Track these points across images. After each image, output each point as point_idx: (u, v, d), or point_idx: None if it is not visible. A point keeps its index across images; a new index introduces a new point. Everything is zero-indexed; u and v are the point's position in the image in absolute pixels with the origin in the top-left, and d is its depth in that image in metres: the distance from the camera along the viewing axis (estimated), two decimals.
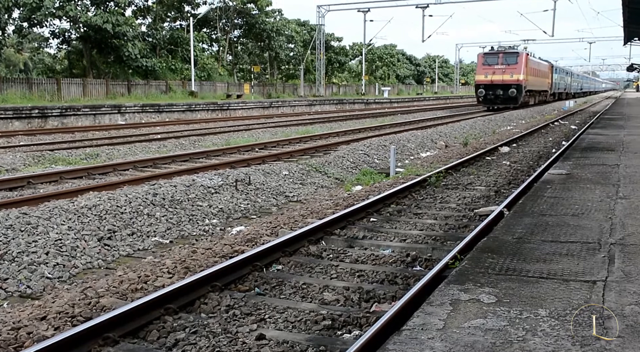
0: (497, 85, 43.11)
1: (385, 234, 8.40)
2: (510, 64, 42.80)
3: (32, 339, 4.83)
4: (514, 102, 43.17)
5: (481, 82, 43.91)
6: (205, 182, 10.91)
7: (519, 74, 42.74)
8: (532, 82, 46.72)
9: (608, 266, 5.02)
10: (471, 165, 15.22)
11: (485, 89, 43.57)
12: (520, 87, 42.84)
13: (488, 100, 44.03)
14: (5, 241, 7.17)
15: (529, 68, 44.76)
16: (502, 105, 43.51)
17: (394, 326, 4.45)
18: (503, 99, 43.36)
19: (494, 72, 43.11)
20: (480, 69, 44.61)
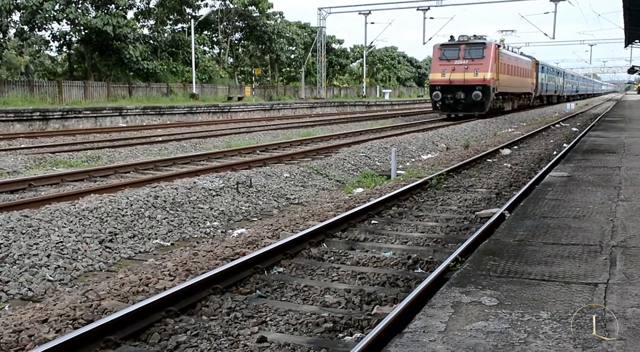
0: (457, 86, 33.00)
1: (387, 236, 8.40)
2: (474, 58, 32.90)
3: (34, 342, 4.83)
4: (479, 108, 33.18)
5: (437, 82, 33.98)
6: (207, 185, 10.91)
7: (485, 71, 32.65)
8: (507, 83, 37.32)
9: (610, 268, 5.01)
10: (472, 168, 15.21)
11: (443, 91, 33.57)
12: (488, 88, 32.72)
13: (446, 106, 33.99)
14: (6, 244, 7.17)
15: (501, 64, 35.32)
16: (465, 112, 33.70)
17: (396, 328, 4.45)
18: (465, 105, 33.39)
19: (454, 69, 33.09)
20: (436, 65, 34.48)
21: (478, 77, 32.72)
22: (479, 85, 32.70)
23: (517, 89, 41.57)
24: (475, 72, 32.70)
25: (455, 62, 33.26)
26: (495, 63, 33.45)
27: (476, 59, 32.89)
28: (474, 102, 32.86)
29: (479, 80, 32.69)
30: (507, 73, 37.12)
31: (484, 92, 32.71)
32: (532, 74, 47.35)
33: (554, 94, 62.38)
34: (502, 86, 35.66)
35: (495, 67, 33.65)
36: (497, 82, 34.17)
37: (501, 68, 35.18)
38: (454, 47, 33.82)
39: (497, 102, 36.20)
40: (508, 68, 37.47)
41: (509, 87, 38.22)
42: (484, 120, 32.04)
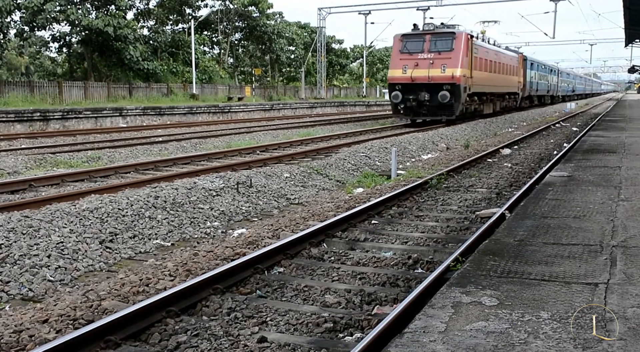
0: (420, 85, 27.63)
1: (387, 236, 8.40)
2: (441, 51, 27.47)
3: (34, 342, 4.83)
4: (447, 111, 27.76)
5: (397, 81, 28.24)
6: (207, 185, 10.91)
7: (454, 67, 27.17)
8: (484, 81, 31.70)
9: (610, 268, 5.01)
10: (472, 168, 15.22)
11: (403, 91, 27.92)
12: (457, 88, 27.27)
13: (408, 109, 28.38)
14: (7, 244, 7.18)
15: (476, 59, 29.82)
16: (431, 116, 28.28)
17: (396, 328, 4.45)
18: (430, 108, 27.90)
19: (417, 64, 27.61)
20: (396, 59, 28.65)
21: (445, 74, 27.18)
22: (447, 83, 27.17)
23: (499, 89, 36.11)
24: (443, 68, 27.25)
25: (418, 56, 27.78)
26: (467, 57, 28.16)
27: (444, 52, 27.43)
28: (441, 105, 27.44)
29: (446, 77, 27.17)
30: (484, 69, 31.77)
31: (452, 92, 27.19)
32: (519, 71, 42.33)
33: (546, 94, 57.35)
34: (477, 85, 30.22)
35: (468, 62, 28.37)
36: (470, 81, 28.81)
37: (476, 63, 29.85)
38: (417, 38, 28.24)
39: (472, 104, 30.73)
40: (486, 64, 32.15)
41: (487, 86, 32.79)
42: (484, 120, 31.90)
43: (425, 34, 28.21)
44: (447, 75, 27.20)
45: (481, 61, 31.03)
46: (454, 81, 27.18)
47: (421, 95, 27.71)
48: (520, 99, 43.88)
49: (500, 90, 36.82)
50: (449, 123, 28.02)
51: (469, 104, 30.00)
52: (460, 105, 27.84)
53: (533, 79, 48.40)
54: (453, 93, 27.26)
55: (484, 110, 33.56)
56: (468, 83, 28.53)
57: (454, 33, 28.06)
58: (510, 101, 40.90)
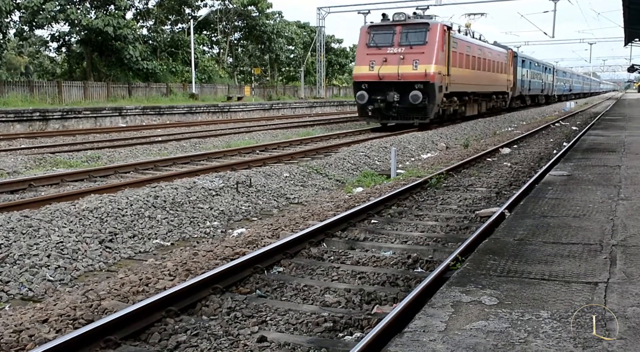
0: (389, 84, 24.42)
1: (387, 235, 8.40)
2: (413, 45, 24.22)
3: (34, 342, 4.83)
4: (420, 114, 24.51)
5: (363, 79, 25.03)
6: (206, 185, 10.91)
7: (427, 63, 23.92)
8: (465, 79, 28.35)
9: (610, 267, 5.01)
10: (472, 167, 15.21)
11: (370, 90, 24.81)
12: (431, 87, 23.95)
13: (376, 112, 25.08)
14: (7, 244, 7.17)
15: (455, 54, 26.50)
16: (401, 120, 25.02)
17: (396, 327, 4.45)
18: (401, 110, 24.68)
19: (386, 59, 24.38)
20: (362, 54, 25.39)
21: (417, 71, 23.89)
22: (419, 82, 23.85)
23: (484, 88, 32.61)
24: (414, 65, 23.96)
25: (387, 50, 24.47)
26: (443, 52, 24.86)
27: (416, 46, 24.16)
28: (413, 107, 24.17)
29: (418, 75, 23.88)
30: (465, 66, 28.41)
31: (425, 92, 23.93)
32: (508, 68, 38.70)
33: (540, 94, 53.71)
34: (456, 84, 26.83)
35: (444, 58, 25.08)
36: (447, 79, 25.48)
37: (455, 59, 26.57)
38: (386, 29, 24.92)
39: (451, 105, 27.19)
40: (467, 60, 28.74)
41: (469, 85, 29.32)
42: (484, 119, 31.84)
43: (395, 26, 24.72)
44: (419, 72, 23.88)
45: (461, 57, 27.65)
46: (427, 79, 23.79)
47: (390, 95, 24.39)
48: (510, 99, 40.59)
49: (486, 90, 33.37)
50: (422, 128, 24.54)
51: (447, 105, 26.65)
52: (435, 106, 24.48)
53: (525, 78, 45.06)
54: (426, 93, 23.93)
55: (467, 112, 30.18)
56: (444, 81, 25.15)
57: (428, 24, 24.56)
58: (499, 101, 37.47)
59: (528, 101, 49.24)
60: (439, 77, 24.42)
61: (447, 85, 25.55)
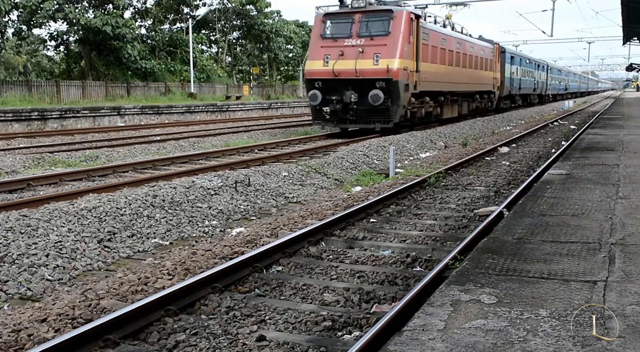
0: (345, 81, 20.97)
1: (385, 234, 8.39)
2: (374, 36, 20.86)
3: (33, 341, 4.82)
4: (382, 117, 21.08)
5: (316, 75, 21.56)
6: (205, 184, 10.90)
7: (391, 56, 20.53)
8: (439, 76, 24.80)
9: (609, 266, 5.01)
10: (471, 166, 15.22)
11: (324, 89, 21.29)
12: (394, 85, 20.55)
13: (333, 115, 21.54)
14: (5, 243, 7.17)
15: (426, 47, 23.14)
16: (361, 124, 21.65)
17: (395, 326, 4.45)
18: (359, 112, 21.21)
19: (342, 53, 20.97)
20: (316, 47, 21.99)
21: (378, 67, 20.45)
22: (380, 79, 20.47)
23: (464, 87, 28.98)
24: (375, 59, 20.54)
25: (345, 42, 21.05)
26: (410, 44, 21.40)
27: (378, 37, 20.78)
28: (373, 108, 20.71)
29: (379, 71, 20.44)
30: (440, 61, 25.00)
31: (388, 90, 20.49)
32: (494, 65, 35.19)
33: (532, 93, 50.32)
34: (428, 82, 23.34)
35: (412, 51, 21.69)
36: (415, 76, 22.04)
37: (426, 53, 23.22)
38: (343, 17, 21.56)
39: (422, 106, 23.71)
40: (442, 54, 25.30)
41: (445, 84, 25.75)
42: (482, 118, 31.78)
43: (354, 13, 21.36)
44: (380, 68, 20.43)
45: (434, 51, 24.20)
46: (390, 76, 20.36)
47: (347, 95, 20.87)
48: (497, 98, 37.09)
49: (467, 89, 29.83)
50: (385, 132, 21.28)
51: (417, 106, 23.27)
52: (400, 108, 21.04)
53: (514, 75, 41.29)
54: (389, 92, 20.52)
55: (444, 114, 26.72)
56: (412, 79, 21.70)
57: (391, 11, 21.18)
58: (484, 102, 34.11)
59: (519, 101, 45.88)
60: (405, 73, 21.00)
61: (415, 83, 22.06)
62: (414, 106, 22.82)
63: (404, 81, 20.93)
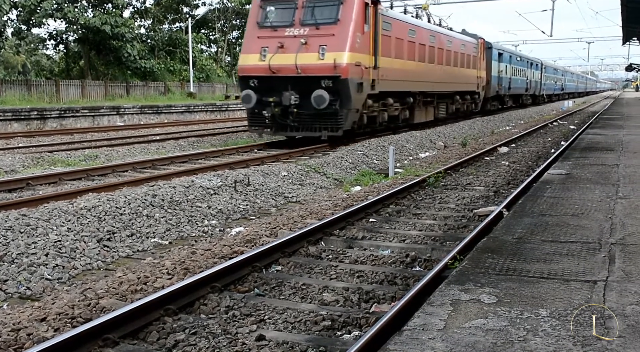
0: (285, 80, 17.57)
1: (385, 234, 8.39)
2: (321, 24, 17.47)
3: (32, 341, 4.82)
4: (330, 124, 17.54)
5: (251, 72, 18.05)
6: (204, 183, 10.90)
7: (339, 49, 17.12)
8: (407, 74, 21.49)
9: (609, 265, 5.01)
10: (470, 166, 15.22)
11: (260, 89, 17.90)
12: (344, 84, 17.08)
13: (271, 120, 18.06)
14: (5, 243, 7.16)
15: (387, 38, 19.65)
16: (303, 132, 18.06)
17: (394, 326, 4.45)
18: (302, 118, 17.72)
19: (282, 45, 17.55)
20: (251, 37, 18.50)
21: (324, 62, 16.95)
22: (326, 77, 16.92)
23: (440, 86, 25.61)
24: (321, 52, 17.04)
25: (286, 31, 17.57)
26: (364, 34, 17.78)
27: (324, 26, 17.24)
28: (317, 113, 17.17)
29: (325, 67, 16.93)
30: (408, 57, 21.61)
31: (337, 91, 16.93)
32: (478, 62, 31.65)
33: (524, 93, 46.84)
34: (390, 80, 19.85)
35: (367, 43, 18.13)
36: (372, 73, 18.49)
37: (387, 46, 19.64)
38: (284, 2, 18.07)
39: (385, 110, 20.30)
40: (411, 48, 21.84)
41: (414, 83, 22.36)
42: (482, 118, 31.67)
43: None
44: (326, 63, 16.91)
45: (399, 44, 20.75)
46: (338, 73, 16.81)
47: (285, 96, 17.33)
48: (483, 99, 33.62)
49: (445, 89, 26.45)
50: (334, 143, 18.05)
51: (377, 109, 19.77)
52: (352, 112, 17.53)
53: (503, 74, 37.49)
54: (337, 93, 16.97)
55: (415, 118, 23.45)
56: (368, 77, 18.20)
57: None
58: (466, 103, 30.58)
59: (508, 102, 42.23)
60: (357, 70, 17.43)
61: (373, 82, 18.58)
62: (372, 109, 19.35)
63: (356, 79, 17.41)
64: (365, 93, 18.21)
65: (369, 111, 19.06)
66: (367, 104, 18.70)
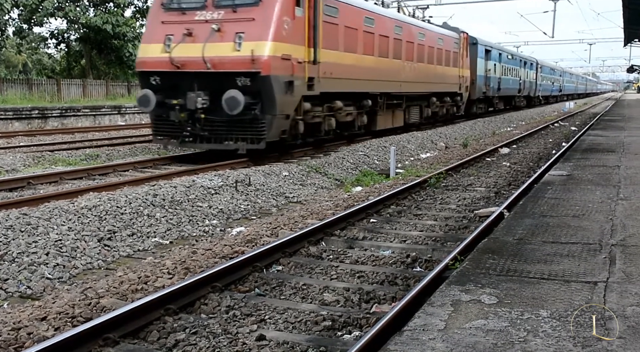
0: (191, 76, 13.83)
1: (385, 235, 8.39)
2: (239, 5, 13.80)
3: (33, 340, 4.82)
4: (250, 134, 13.78)
5: (150, 67, 14.48)
6: (205, 183, 10.90)
7: (260, 38, 13.38)
8: (362, 71, 17.84)
9: (609, 267, 5.01)
10: (471, 167, 15.22)
11: (161, 89, 14.33)
12: (266, 83, 13.31)
13: (178, 128, 14.35)
14: (5, 242, 7.16)
15: (329, 26, 15.77)
16: (216, 144, 14.26)
17: (395, 326, 4.45)
18: (217, 126, 13.95)
19: (190, 32, 13.90)
20: (154, 23, 14.86)
21: (241, 54, 13.44)
22: (244, 73, 13.43)
23: (410, 87, 21.92)
24: (238, 41, 13.53)
25: (196, 15, 14.15)
26: (296, 20, 14.30)
27: (243, 8, 13.82)
28: (233, 120, 13.57)
29: (242, 60, 13.41)
30: (364, 51, 17.71)
31: (257, 91, 13.50)
32: (460, 60, 28.10)
33: (517, 95, 43.03)
34: (336, 79, 16.05)
35: (302, 31, 14.57)
36: (311, 70, 14.80)
37: (332, 36, 15.83)
38: None
39: (332, 115, 16.58)
40: (368, 41, 17.96)
41: (375, 83, 18.65)
42: (482, 119, 31.60)
43: None
44: (242, 56, 13.30)
45: (351, 34, 16.89)
46: (257, 68, 13.22)
47: (191, 98, 13.59)
48: (467, 102, 30.12)
49: (416, 90, 22.67)
50: (258, 158, 14.44)
51: (320, 115, 15.99)
52: (278, 119, 13.75)
53: (491, 73, 34.19)
54: (258, 94, 13.40)
55: (379, 124, 19.98)
56: (303, 73, 14.41)
57: None
58: (446, 106, 27.06)
59: (498, 105, 38.49)
60: (285, 65, 13.71)
61: (310, 80, 14.75)
62: (314, 115, 15.60)
63: (283, 77, 13.63)
64: (298, 94, 14.33)
65: (308, 117, 15.32)
66: (304, 109, 14.94)
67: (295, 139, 15.39)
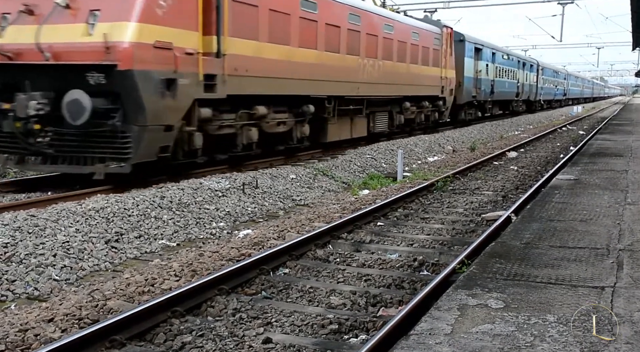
0: (25, 70, 10.04)
1: (392, 238, 8.39)
2: None
3: (40, 341, 4.84)
4: (109, 151, 10.20)
5: None
6: (213, 185, 10.92)
7: (119, 18, 9.67)
8: (297, 68, 13.99)
9: (616, 271, 4.99)
10: (479, 170, 15.20)
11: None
12: (129, 80, 9.61)
13: (11, 142, 10.48)
14: (13, 243, 7.19)
15: (248, 8, 11.99)
16: (65, 166, 10.63)
17: (401, 330, 4.44)
18: (67, 140, 10.18)
19: (32, 10, 10.17)
20: None
21: (92, 40, 9.84)
22: (95, 67, 9.79)
23: (375, 90, 18.45)
24: (91, 22, 9.92)
25: None
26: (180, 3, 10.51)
27: None
28: (87, 133, 10.06)
29: (92, 48, 9.81)
30: (300, 43, 14.31)
31: (116, 92, 9.93)
32: (443, 58, 24.43)
33: (514, 99, 38.88)
34: (256, 78, 12.65)
35: (194, 10, 10.85)
36: (211, 64, 11.30)
37: (248, 21, 12.29)
38: None
39: (251, 125, 13.15)
40: (308, 30, 14.60)
41: (318, 84, 15.21)
42: (490, 123, 31.52)
43: None
44: (94, 42, 9.89)
45: (280, 20, 13.43)
46: (113, 60, 9.74)
47: (21, 101, 9.86)
48: (452, 107, 26.50)
49: (383, 93, 19.26)
50: (120, 184, 10.80)
51: (233, 124, 12.69)
52: (152, 132, 10.31)
53: (482, 75, 30.52)
54: (118, 96, 10.03)
55: (329, 135, 16.69)
56: (196, 69, 10.98)
57: None
58: (424, 112, 23.53)
59: (492, 110, 34.82)
60: (161, 55, 10.24)
61: (212, 78, 11.39)
62: (221, 125, 12.26)
63: (158, 73, 10.22)
64: (187, 98, 10.86)
65: (211, 128, 11.97)
66: (201, 116, 11.43)
67: (192, 156, 11.83)
